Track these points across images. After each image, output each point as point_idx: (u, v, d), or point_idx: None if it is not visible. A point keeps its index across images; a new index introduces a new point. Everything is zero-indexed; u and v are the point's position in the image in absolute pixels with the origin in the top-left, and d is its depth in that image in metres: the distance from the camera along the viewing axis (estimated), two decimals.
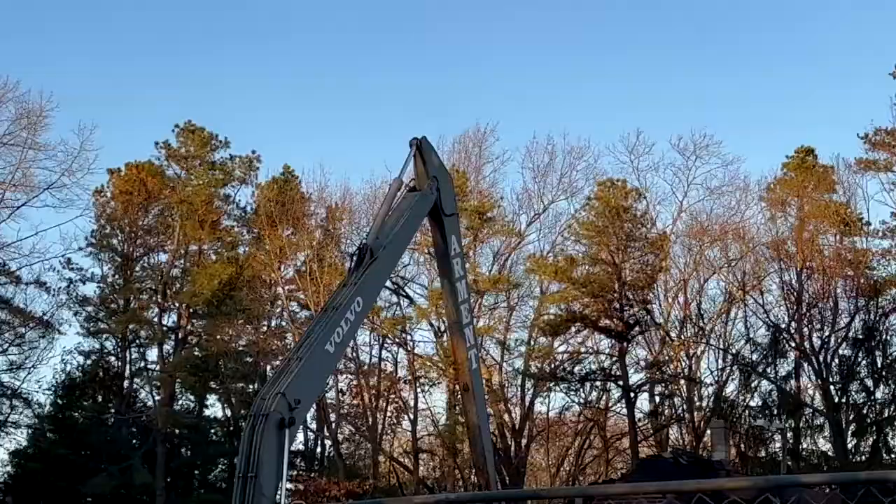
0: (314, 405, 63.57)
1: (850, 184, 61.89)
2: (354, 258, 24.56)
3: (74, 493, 55.01)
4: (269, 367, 65.16)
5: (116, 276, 64.99)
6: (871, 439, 57.24)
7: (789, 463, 54.00)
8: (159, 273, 64.33)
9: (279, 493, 20.19)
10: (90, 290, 63.86)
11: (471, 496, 8.57)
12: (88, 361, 64.18)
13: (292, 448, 63.77)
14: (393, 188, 26.50)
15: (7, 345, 58.39)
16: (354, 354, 62.71)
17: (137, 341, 65.37)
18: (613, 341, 61.08)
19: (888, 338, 58.01)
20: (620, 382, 60.49)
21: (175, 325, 64.48)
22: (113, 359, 65.44)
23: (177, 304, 64.62)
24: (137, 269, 65.10)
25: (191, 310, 63.59)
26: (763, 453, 58.66)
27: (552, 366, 62.17)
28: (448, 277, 28.68)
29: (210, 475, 64.08)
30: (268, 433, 20.26)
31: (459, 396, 38.23)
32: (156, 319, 64.20)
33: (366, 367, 64.53)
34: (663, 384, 61.71)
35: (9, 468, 60.84)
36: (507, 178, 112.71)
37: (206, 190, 64.52)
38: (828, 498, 30.57)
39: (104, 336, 65.15)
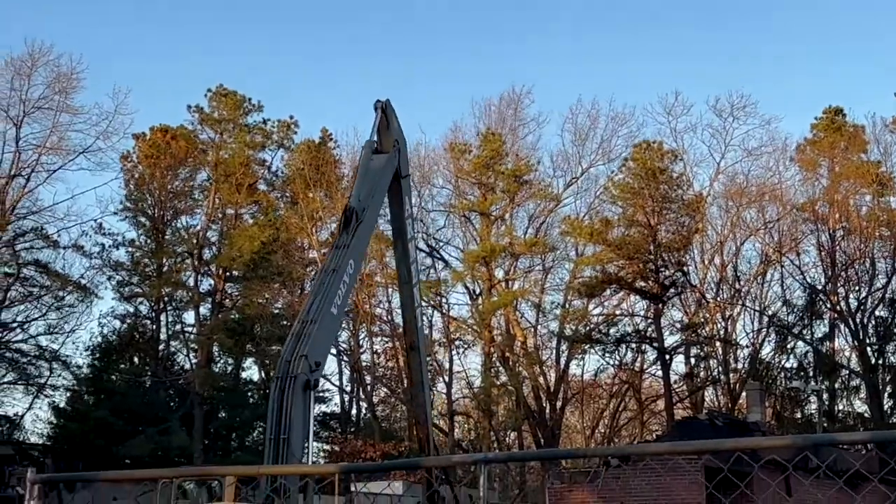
0: (349, 367, 64.02)
1: (885, 143, 61.40)
2: (342, 221, 25.00)
3: (112, 455, 55.43)
4: None
5: (149, 240, 65.26)
6: None
7: (825, 424, 53.83)
8: (194, 237, 64.52)
9: (305, 452, 20.43)
10: (122, 254, 64.24)
11: (507, 455, 8.62)
12: (124, 325, 64.59)
13: (327, 410, 64.35)
14: (366, 150, 26.89)
15: (46, 308, 58.82)
16: (389, 317, 62.94)
17: (173, 304, 65.73)
18: (649, 303, 60.97)
19: None
20: (656, 344, 60.40)
21: (211, 288, 64.79)
22: (148, 322, 65.84)
23: (212, 268, 64.88)
24: (168, 233, 65.31)
25: (226, 273, 63.82)
26: (799, 415, 58.55)
27: (587, 328, 62.14)
28: (401, 237, 29.33)
29: (247, 438, 64.46)
30: (296, 396, 20.51)
31: (406, 356, 38.80)
32: (191, 283, 64.52)
33: (400, 329, 64.66)
34: (699, 346, 61.59)
35: (47, 430, 61.43)
36: (542, 140, 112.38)
37: (242, 153, 64.58)
38: (865, 458, 30.43)
39: (139, 300, 65.51)
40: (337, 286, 22.83)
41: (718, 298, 61.69)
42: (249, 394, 66.43)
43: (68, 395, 62.03)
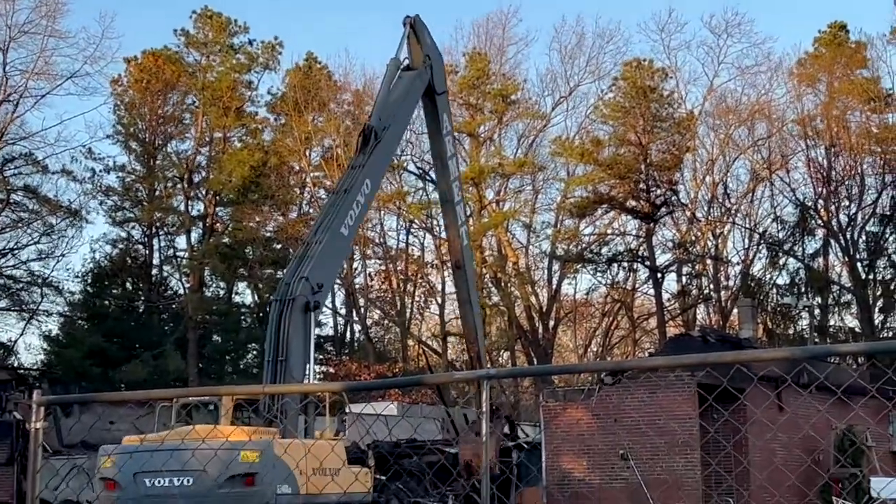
0: (343, 290, 64.12)
1: (879, 59, 61.12)
2: (359, 140, 24.61)
3: (108, 379, 55.70)
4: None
5: (139, 165, 65.06)
6: None
7: (816, 340, 54.18)
8: (184, 161, 64.31)
9: (307, 374, 20.43)
10: (113, 180, 64.05)
11: (509, 371, 8.65)
12: (116, 251, 64.58)
13: (321, 333, 64.51)
14: (391, 68, 26.46)
15: (37, 234, 58.79)
16: (382, 240, 63.03)
17: (165, 229, 65.71)
18: (640, 222, 61.05)
19: None
20: (647, 263, 60.59)
21: (202, 213, 64.71)
22: (140, 247, 65.86)
23: (203, 192, 64.75)
24: (159, 157, 65.05)
25: (217, 197, 63.71)
26: (790, 331, 58.93)
27: (579, 248, 62.29)
28: (441, 156, 28.92)
29: (241, 361, 64.81)
30: (294, 317, 20.44)
31: (451, 274, 38.51)
32: (182, 207, 64.41)
33: (393, 252, 64.81)
34: (690, 264, 61.80)
35: (41, 356, 61.68)
36: (529, 60, 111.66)
37: (229, 75, 64.12)
38: (858, 373, 30.68)
39: (130, 225, 65.47)
40: (349, 207, 22.63)
41: (709, 217, 61.80)
42: (243, 317, 66.68)
43: (61, 320, 62.19)
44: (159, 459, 16.10)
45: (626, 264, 61.93)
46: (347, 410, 20.29)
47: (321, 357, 63.27)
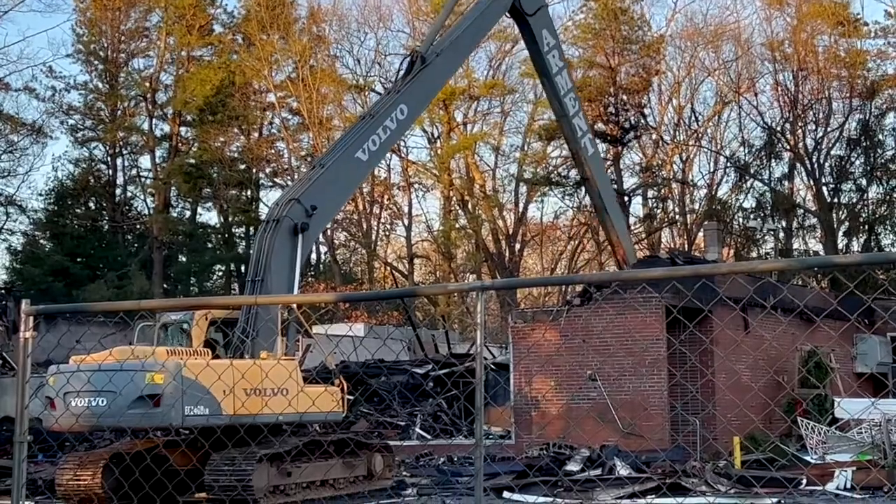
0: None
1: None
2: (403, 66, 23.93)
3: (73, 299, 55.38)
4: (262, 175, 65.09)
5: (102, 84, 64.19)
6: (862, 238, 57.78)
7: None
8: (147, 80, 63.49)
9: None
10: (75, 98, 63.22)
11: (504, 282, 8.57)
12: (79, 170, 63.88)
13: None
14: None
15: None
16: None
17: (128, 149, 65.07)
18: (608, 146, 60.84)
19: (882, 138, 57.98)
20: (615, 186, 60.52)
21: (166, 133, 64.05)
22: (104, 167, 65.20)
23: (167, 112, 64.02)
24: (122, 76, 64.18)
25: (181, 117, 63.03)
26: (755, 254, 59.20)
27: (546, 171, 62.12)
28: (546, 75, 27.86)
29: (207, 282, 64.63)
30: (280, 238, 20.21)
31: (584, 189, 37.72)
32: (145, 127, 63.74)
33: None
34: (656, 188, 61.85)
35: (4, 274, 61.23)
36: None
37: None
38: (813, 294, 30.90)
39: (93, 145, 64.78)
40: (372, 132, 22.04)
41: (675, 140, 61.78)
42: (208, 239, 66.36)
43: (25, 240, 61.73)
44: (80, 381, 16.53)
45: None
46: (300, 331, 20.11)
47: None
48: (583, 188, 61.75)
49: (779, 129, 59.18)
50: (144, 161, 65.37)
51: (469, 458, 24.57)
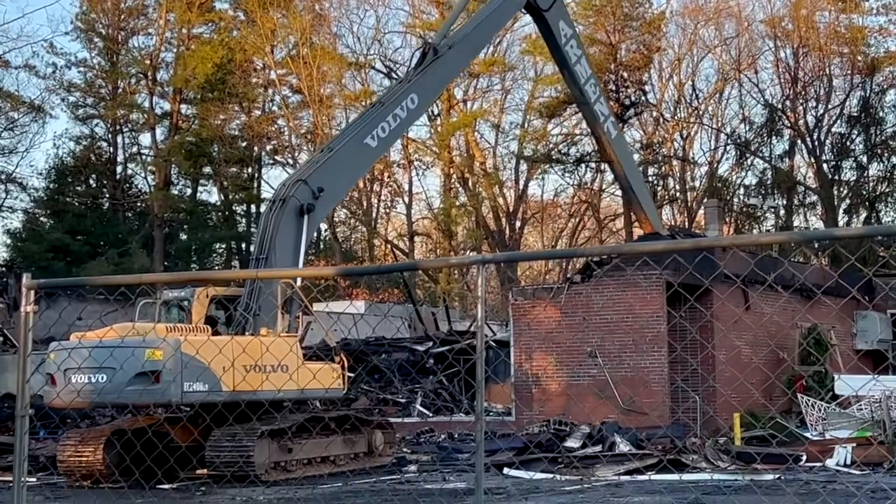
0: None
1: None
2: (415, 57, 24.19)
3: (72, 276, 55.34)
4: (262, 152, 65.00)
5: (102, 61, 64.05)
6: (863, 215, 57.77)
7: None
8: (147, 57, 63.33)
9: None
10: (76, 75, 63.07)
11: (505, 255, 8.57)
12: (80, 147, 63.83)
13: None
14: None
15: None
16: None
17: (129, 126, 64.98)
18: None
19: (883, 115, 57.90)
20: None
21: (167, 110, 63.94)
22: (105, 144, 65.16)
23: (168, 89, 63.89)
24: (123, 53, 64.02)
25: (182, 94, 62.91)
26: (756, 231, 59.21)
27: (547, 148, 62.05)
28: (565, 65, 28.16)
29: (207, 260, 64.64)
30: (285, 218, 20.38)
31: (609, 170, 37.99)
32: (146, 104, 63.64)
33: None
34: (657, 165, 61.78)
35: (4, 252, 61.25)
36: None
37: None
38: (813, 269, 30.90)
39: (94, 122, 64.71)
40: (382, 119, 22.31)
41: (676, 117, 61.69)
42: (208, 216, 66.35)
43: (25, 217, 61.73)
44: (81, 357, 16.58)
45: (593, 165, 61.77)
46: (301, 306, 20.23)
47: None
48: (583, 165, 62.07)
49: (779, 106, 59.12)
50: (145, 138, 65.35)
51: (469, 435, 24.63)
